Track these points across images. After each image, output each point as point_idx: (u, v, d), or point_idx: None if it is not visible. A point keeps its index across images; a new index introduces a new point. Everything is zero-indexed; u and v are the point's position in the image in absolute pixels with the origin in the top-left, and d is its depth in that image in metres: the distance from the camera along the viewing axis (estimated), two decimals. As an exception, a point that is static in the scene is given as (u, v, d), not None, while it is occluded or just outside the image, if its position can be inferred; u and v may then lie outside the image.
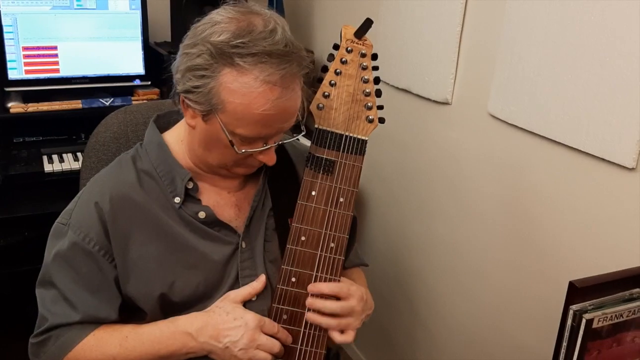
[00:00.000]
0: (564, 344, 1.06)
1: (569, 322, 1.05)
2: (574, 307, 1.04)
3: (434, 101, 1.78)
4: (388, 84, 1.91)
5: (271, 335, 1.07)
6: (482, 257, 1.67)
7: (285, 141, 1.09)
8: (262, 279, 1.10)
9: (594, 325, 1.04)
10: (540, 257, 1.48)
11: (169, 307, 1.09)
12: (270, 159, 1.07)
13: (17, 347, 1.16)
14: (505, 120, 1.52)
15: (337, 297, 1.10)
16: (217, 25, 0.98)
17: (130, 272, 1.07)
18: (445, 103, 1.74)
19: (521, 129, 1.47)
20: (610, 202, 1.29)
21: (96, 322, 1.08)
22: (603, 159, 1.28)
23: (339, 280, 1.11)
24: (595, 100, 1.27)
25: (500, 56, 1.51)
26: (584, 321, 1.03)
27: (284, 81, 0.96)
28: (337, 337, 1.11)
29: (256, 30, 0.96)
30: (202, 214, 1.10)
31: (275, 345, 1.07)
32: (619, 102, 1.23)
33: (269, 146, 1.04)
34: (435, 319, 1.89)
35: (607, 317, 1.05)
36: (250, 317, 1.05)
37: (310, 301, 1.09)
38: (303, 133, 1.09)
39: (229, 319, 1.05)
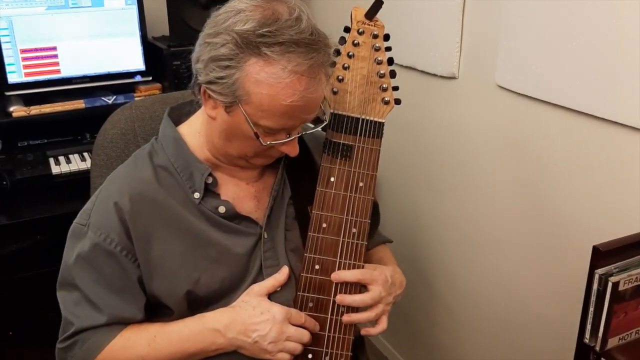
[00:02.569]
0: (591, 308, 1.07)
1: (595, 286, 1.05)
2: (599, 271, 1.05)
3: (440, 76, 1.76)
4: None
5: (299, 326, 1.07)
6: (499, 231, 1.67)
7: (308, 132, 1.07)
8: (284, 270, 1.10)
9: (620, 287, 1.04)
10: (558, 226, 1.47)
11: (196, 303, 1.08)
12: (293, 149, 1.05)
13: (34, 352, 1.15)
14: (515, 91, 1.51)
15: (361, 284, 1.10)
16: (241, 13, 0.95)
17: (154, 271, 1.06)
18: (452, 77, 1.72)
19: (531, 98, 1.46)
20: (625, 164, 1.28)
21: (122, 322, 1.08)
22: (616, 122, 1.27)
23: (362, 266, 1.11)
24: (604, 63, 1.26)
25: (505, 25, 1.49)
26: (610, 284, 1.04)
27: (312, 71, 0.94)
28: (372, 331, 1.13)
29: (282, 19, 0.94)
30: (222, 209, 1.09)
31: (305, 335, 1.06)
32: (628, 63, 1.21)
33: (292, 137, 1.02)
34: (456, 297, 1.89)
35: (632, 279, 1.05)
36: (277, 310, 1.05)
37: (340, 298, 1.09)
38: (325, 123, 1.08)
39: (255, 313, 1.05)
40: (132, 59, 2.16)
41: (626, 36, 1.20)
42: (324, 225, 1.09)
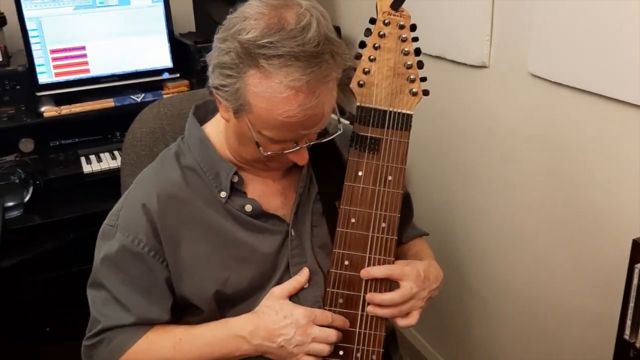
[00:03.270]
0: (631, 304, 1.04)
1: (635, 281, 1.03)
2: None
3: (470, 65, 1.72)
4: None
5: (326, 325, 1.05)
6: (532, 222, 1.63)
7: (319, 141, 1.03)
8: (305, 271, 1.09)
9: (662, 281, 1.01)
10: (595, 216, 1.43)
11: (224, 302, 1.08)
12: (301, 158, 1.03)
13: (68, 348, 1.17)
14: (548, 79, 1.46)
15: (391, 280, 1.08)
16: (246, 20, 0.93)
17: (183, 272, 1.07)
18: (482, 66, 1.69)
19: (566, 86, 1.42)
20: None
21: (148, 323, 1.08)
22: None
23: (392, 261, 1.09)
24: (643, 50, 1.21)
25: (537, 10, 1.45)
26: (651, 279, 1.00)
27: (310, 87, 0.90)
28: (400, 322, 1.10)
29: (287, 28, 0.90)
30: (248, 207, 1.08)
31: (330, 335, 1.05)
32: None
33: (298, 147, 1.00)
34: (489, 288, 1.86)
35: (672, 272, 1.02)
36: (300, 313, 1.04)
37: (369, 297, 1.07)
38: (340, 132, 1.05)
39: (278, 318, 1.04)
40: (159, 56, 2.16)
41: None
42: (353, 220, 1.08)
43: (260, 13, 0.92)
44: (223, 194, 1.08)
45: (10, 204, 1.84)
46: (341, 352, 1.08)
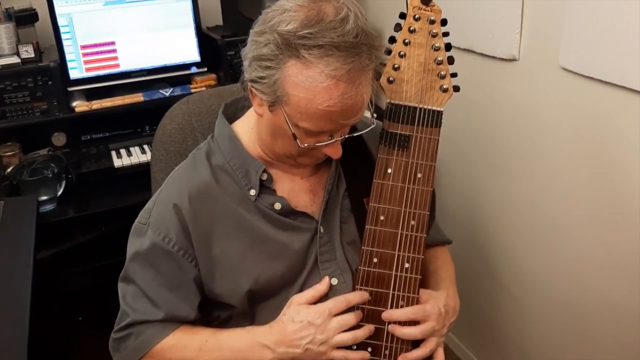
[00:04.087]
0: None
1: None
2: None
3: (500, 58, 1.70)
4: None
5: (345, 311, 1.06)
6: (565, 215, 1.60)
7: (353, 134, 1.04)
8: (325, 281, 1.09)
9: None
10: (628, 210, 1.40)
11: (256, 298, 1.10)
12: (336, 152, 1.03)
13: (101, 339, 1.19)
14: (580, 73, 1.43)
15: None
16: (285, 13, 0.94)
17: (215, 270, 1.08)
18: (512, 59, 1.66)
19: (598, 80, 1.39)
20: None
21: (177, 320, 1.10)
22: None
23: (422, 257, 1.08)
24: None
25: (569, 2, 1.41)
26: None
27: (350, 76, 0.91)
28: None
29: (326, 20, 0.91)
30: (277, 205, 1.09)
31: (350, 319, 1.05)
32: None
33: (334, 140, 1.00)
34: (522, 286, 1.84)
35: None
36: (313, 312, 1.05)
37: (391, 328, 1.07)
38: (373, 126, 1.05)
39: (295, 324, 1.05)
40: (187, 50, 2.18)
41: None
42: (382, 217, 1.07)
43: (299, 5, 0.94)
44: (252, 192, 1.08)
45: (44, 197, 1.87)
46: (370, 349, 1.08)
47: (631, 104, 1.32)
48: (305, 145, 0.99)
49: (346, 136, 1.03)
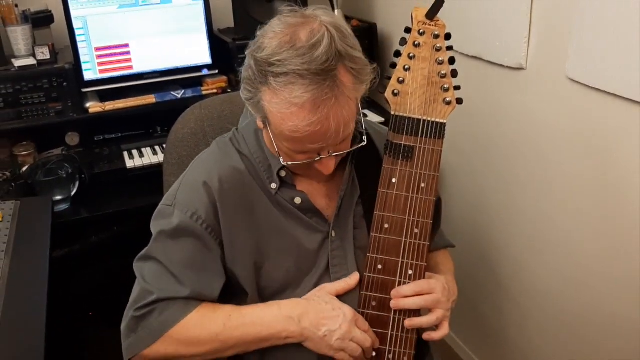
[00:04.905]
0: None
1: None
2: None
3: (507, 67, 1.71)
4: (457, 51, 1.83)
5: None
6: (570, 225, 1.62)
7: (339, 153, 1.05)
8: (355, 276, 1.12)
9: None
10: (633, 222, 1.41)
11: (262, 290, 1.12)
12: (326, 168, 1.06)
13: (112, 336, 1.22)
14: (587, 84, 1.44)
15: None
16: (265, 37, 0.97)
17: (236, 253, 1.10)
18: (520, 68, 1.67)
19: (604, 92, 1.40)
20: None
21: (200, 299, 1.10)
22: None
23: (425, 266, 1.11)
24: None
25: (578, 13, 1.43)
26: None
27: (314, 104, 0.92)
28: (433, 335, 1.13)
29: (297, 46, 0.93)
30: (297, 200, 1.12)
31: (367, 340, 1.08)
32: None
33: (320, 157, 1.03)
34: (525, 291, 1.86)
35: None
36: (348, 310, 1.08)
37: (394, 303, 1.10)
38: (364, 144, 1.08)
39: (327, 308, 1.07)
40: (199, 53, 2.21)
41: None
42: (386, 225, 1.10)
43: (274, 32, 0.97)
44: (274, 186, 1.12)
45: (58, 197, 1.90)
46: (374, 353, 1.11)
47: (637, 117, 1.33)
48: (289, 162, 1.04)
49: (338, 153, 1.04)
